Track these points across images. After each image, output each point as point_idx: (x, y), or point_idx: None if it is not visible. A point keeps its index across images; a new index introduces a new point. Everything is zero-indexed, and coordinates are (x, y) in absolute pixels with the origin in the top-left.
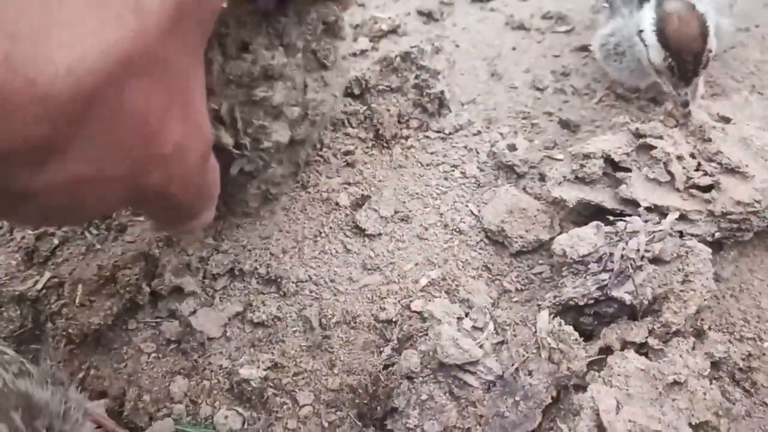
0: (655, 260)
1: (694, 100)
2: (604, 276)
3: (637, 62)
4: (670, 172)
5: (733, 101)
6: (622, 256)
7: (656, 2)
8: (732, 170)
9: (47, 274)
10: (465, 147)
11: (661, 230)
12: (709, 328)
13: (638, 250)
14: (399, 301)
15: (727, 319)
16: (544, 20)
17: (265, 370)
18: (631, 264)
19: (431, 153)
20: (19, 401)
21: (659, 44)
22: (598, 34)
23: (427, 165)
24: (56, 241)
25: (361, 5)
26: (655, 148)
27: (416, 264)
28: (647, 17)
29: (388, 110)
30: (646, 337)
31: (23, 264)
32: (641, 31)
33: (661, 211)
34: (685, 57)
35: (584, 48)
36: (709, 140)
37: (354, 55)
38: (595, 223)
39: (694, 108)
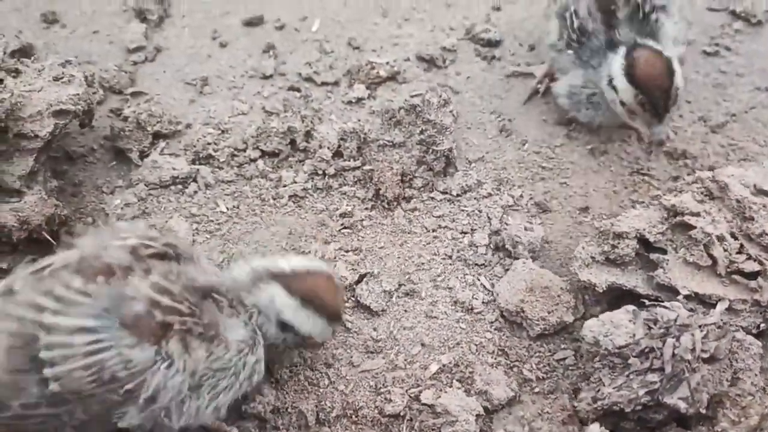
0: (709, 359)
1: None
2: (653, 377)
3: (611, 110)
4: (711, 256)
5: (765, 168)
6: (673, 354)
7: (624, 51)
8: None
9: None
10: (475, 211)
11: (713, 324)
12: None
13: (693, 349)
14: (407, 391)
15: None
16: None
17: None
18: (686, 366)
19: (437, 217)
20: None
21: (629, 85)
22: (564, 83)
23: (434, 230)
24: None
25: (356, 48)
26: (693, 227)
27: (424, 346)
28: (617, 65)
29: (391, 168)
30: None
31: None
32: (612, 79)
33: (702, 300)
34: (655, 92)
35: None
36: (752, 219)
37: (349, 103)
38: (631, 308)
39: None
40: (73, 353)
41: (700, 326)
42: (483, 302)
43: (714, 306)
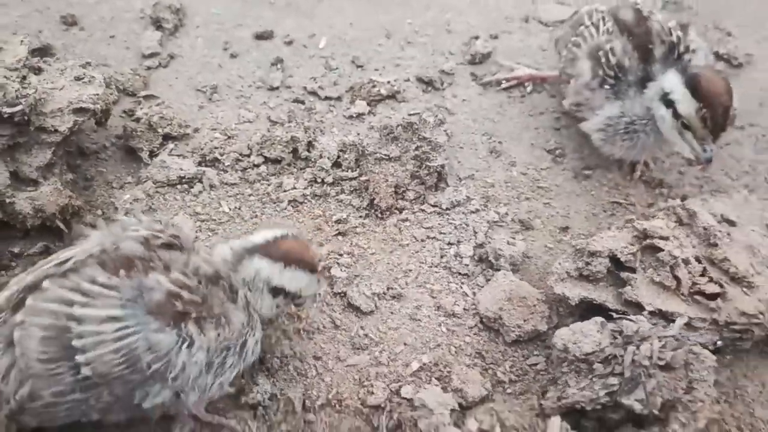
0: (665, 367)
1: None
2: (613, 380)
3: (652, 134)
4: (676, 277)
5: (734, 200)
6: (633, 360)
7: (679, 69)
8: (738, 279)
9: None
10: (462, 224)
11: (672, 336)
12: None
13: (651, 357)
14: (388, 386)
15: (721, 426)
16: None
17: None
18: (643, 371)
19: (427, 228)
20: None
21: (692, 97)
22: (601, 116)
23: (422, 240)
24: None
25: (360, 66)
26: (662, 250)
27: (407, 345)
28: (673, 80)
29: (386, 180)
30: None
31: None
32: (667, 93)
33: (665, 317)
34: (718, 110)
35: None
36: (715, 245)
37: (350, 117)
38: (599, 319)
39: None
40: (103, 340)
41: (659, 337)
42: (464, 309)
43: (675, 322)
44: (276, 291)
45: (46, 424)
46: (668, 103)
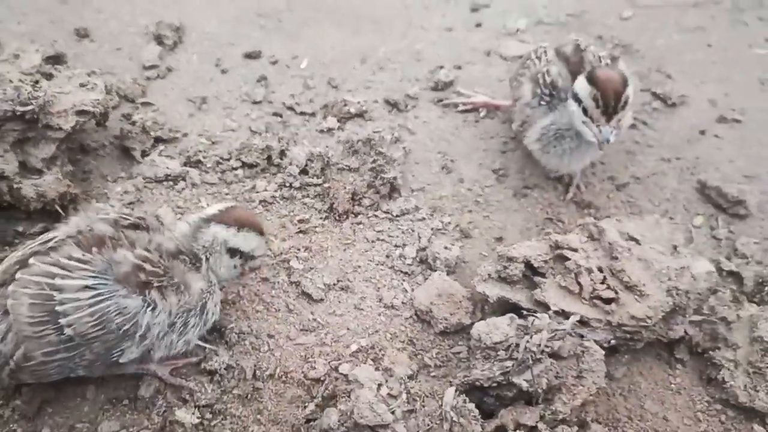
0: (554, 355)
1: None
2: (509, 363)
3: (576, 139)
4: (579, 283)
5: (646, 222)
6: (525, 347)
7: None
8: (631, 288)
9: None
10: (409, 230)
11: (562, 330)
12: (594, 421)
13: (539, 345)
14: (329, 363)
15: (613, 414)
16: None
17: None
18: (531, 356)
19: (378, 231)
20: None
21: (588, 84)
22: (537, 127)
23: (373, 241)
24: None
25: (334, 87)
26: (569, 259)
27: (349, 330)
28: (580, 80)
29: (345, 187)
30: (537, 422)
31: None
32: (576, 92)
33: (566, 315)
34: (608, 92)
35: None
36: (616, 258)
37: (321, 131)
38: (510, 315)
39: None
40: (81, 305)
41: (550, 330)
42: (402, 302)
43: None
44: (233, 252)
45: (42, 381)
46: (575, 97)
